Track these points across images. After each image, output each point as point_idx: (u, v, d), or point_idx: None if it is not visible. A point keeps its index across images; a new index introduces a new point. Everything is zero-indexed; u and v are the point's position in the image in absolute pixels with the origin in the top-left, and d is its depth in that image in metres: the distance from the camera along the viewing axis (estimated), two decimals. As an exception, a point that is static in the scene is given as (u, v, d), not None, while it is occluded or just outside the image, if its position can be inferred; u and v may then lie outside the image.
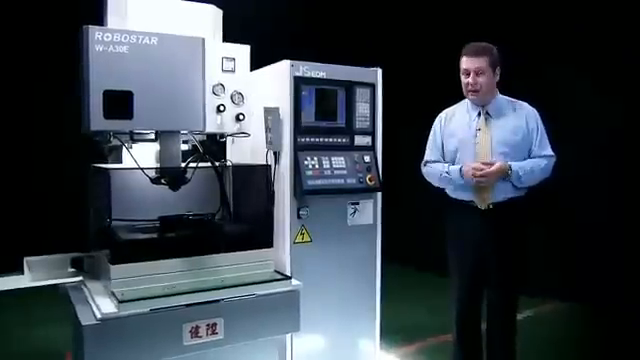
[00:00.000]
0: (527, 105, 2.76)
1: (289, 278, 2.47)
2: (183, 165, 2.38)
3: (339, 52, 3.50)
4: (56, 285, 2.58)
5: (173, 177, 2.36)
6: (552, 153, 2.72)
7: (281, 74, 2.82)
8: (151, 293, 2.14)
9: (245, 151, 3.02)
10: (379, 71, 3.10)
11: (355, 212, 3.04)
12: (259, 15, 5.19)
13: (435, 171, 2.86)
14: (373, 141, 3.08)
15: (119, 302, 2.01)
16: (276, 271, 2.54)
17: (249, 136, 2.72)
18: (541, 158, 2.69)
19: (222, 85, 2.61)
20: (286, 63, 2.80)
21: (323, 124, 2.91)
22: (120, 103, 2.16)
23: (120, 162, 2.60)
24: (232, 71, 2.63)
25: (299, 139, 2.83)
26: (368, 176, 2.99)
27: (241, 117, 2.66)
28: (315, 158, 2.85)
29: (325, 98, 2.91)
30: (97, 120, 2.13)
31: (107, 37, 2.13)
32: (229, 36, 2.76)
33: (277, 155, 2.86)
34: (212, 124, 2.53)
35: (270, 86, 2.93)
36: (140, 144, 2.48)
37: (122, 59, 2.15)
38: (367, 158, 3.03)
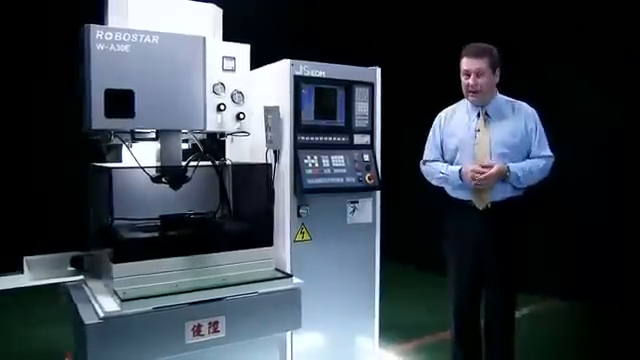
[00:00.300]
0: (526, 105, 2.77)
1: (290, 276, 2.48)
2: (184, 164, 2.38)
3: (339, 51, 3.51)
4: (56, 284, 2.59)
5: (174, 176, 2.36)
6: (551, 153, 2.74)
7: (281, 73, 2.83)
8: (153, 292, 2.14)
9: (244, 150, 3.03)
10: (378, 70, 3.11)
11: (354, 211, 3.05)
12: (258, 14, 5.18)
13: (433, 170, 2.88)
14: (372, 140, 3.10)
15: (122, 301, 2.01)
16: (277, 269, 2.55)
17: (249, 135, 2.74)
18: (540, 158, 2.71)
19: (222, 84, 2.62)
20: (286, 62, 2.81)
21: (323, 123, 2.93)
22: (121, 102, 2.16)
23: (119, 161, 2.60)
24: (232, 70, 2.64)
25: (299, 138, 2.84)
26: (367, 175, 3.01)
27: (241, 116, 2.67)
28: (315, 157, 2.86)
29: (324, 97, 2.92)
30: (98, 119, 2.13)
31: (108, 36, 2.12)
32: (228, 35, 2.77)
33: (277, 154, 2.87)
34: (212, 123, 2.54)
35: (270, 85, 2.94)
36: (140, 143, 2.48)
37: (123, 58, 2.15)
38: (366, 157, 3.05)
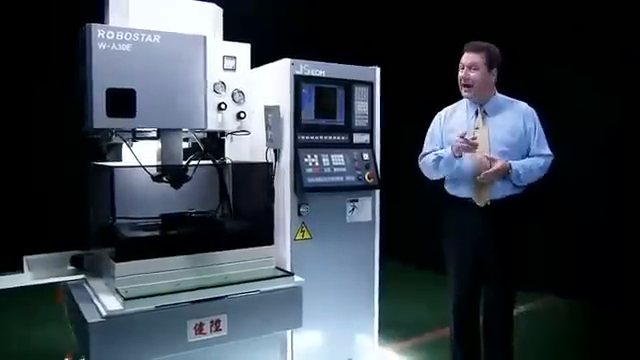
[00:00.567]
0: (525, 104, 2.79)
1: (292, 275, 2.49)
2: (184, 163, 2.39)
3: (338, 51, 3.52)
4: (54, 283, 2.59)
5: (175, 175, 2.36)
6: (550, 152, 2.76)
7: (281, 72, 2.84)
8: (155, 290, 2.15)
9: (243, 149, 3.03)
10: (377, 70, 3.13)
11: (354, 209, 3.06)
12: (258, 14, 5.18)
13: (427, 159, 2.87)
14: (371, 139, 3.11)
15: (124, 299, 2.02)
16: (277, 268, 2.57)
17: (249, 134, 2.75)
18: (539, 157, 2.73)
19: (223, 83, 2.63)
20: (286, 61, 2.82)
21: (322, 122, 2.94)
22: (123, 101, 2.16)
23: (119, 160, 2.61)
24: (233, 69, 2.65)
25: (299, 137, 2.85)
26: (367, 174, 3.02)
27: (242, 115, 2.68)
28: (315, 156, 2.88)
29: (324, 96, 2.94)
30: (100, 118, 2.13)
31: (110, 35, 2.13)
32: (228, 34, 2.77)
33: (277, 153, 2.88)
34: (213, 122, 2.55)
35: (270, 84, 2.94)
36: (139, 142, 2.48)
37: (125, 57, 2.15)
38: (366, 156, 3.06)
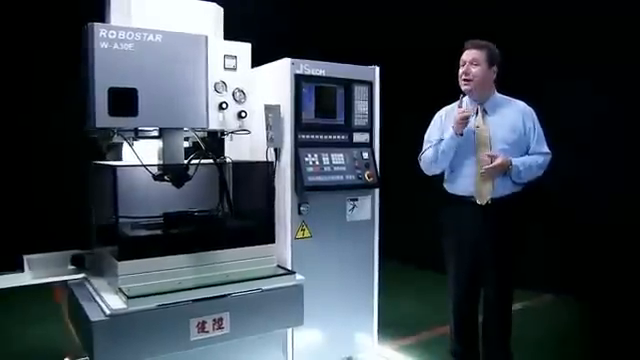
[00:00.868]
0: (523, 103, 2.81)
1: (293, 273, 2.51)
2: (186, 162, 2.39)
3: (338, 50, 3.53)
4: (52, 283, 2.59)
5: (177, 174, 2.37)
6: (548, 150, 2.78)
7: (282, 72, 2.85)
8: (158, 289, 2.16)
9: (243, 149, 3.03)
10: (377, 69, 3.15)
11: (354, 208, 3.08)
12: (258, 14, 5.19)
13: (428, 152, 2.87)
14: (371, 138, 3.13)
15: (128, 298, 2.03)
16: (279, 266, 2.58)
17: (250, 133, 2.75)
18: (538, 155, 2.75)
19: (224, 82, 2.63)
20: (287, 61, 2.83)
21: (323, 121, 2.96)
22: (125, 100, 2.17)
23: (120, 159, 2.61)
24: (234, 69, 2.66)
25: (300, 136, 2.87)
26: (366, 173, 3.04)
27: (243, 114, 2.69)
28: (315, 155, 2.89)
29: (325, 96, 2.95)
30: (102, 117, 2.13)
31: (112, 34, 2.13)
32: (228, 34, 2.78)
33: (277, 152, 2.89)
34: (214, 121, 2.56)
35: (270, 84, 2.95)
36: (139, 141, 2.48)
37: (127, 56, 2.16)
38: (365, 155, 3.08)
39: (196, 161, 2.38)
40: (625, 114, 4.32)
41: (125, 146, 2.56)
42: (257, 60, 2.82)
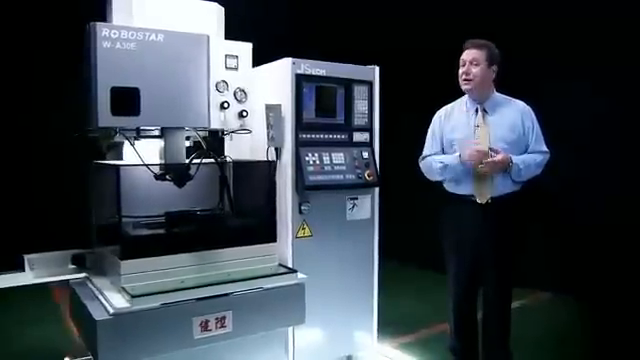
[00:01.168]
0: (522, 103, 2.83)
1: (295, 272, 2.52)
2: (187, 161, 2.40)
3: (338, 50, 3.54)
4: (48, 283, 2.59)
5: (179, 173, 2.37)
6: (547, 149, 2.80)
7: (283, 71, 2.86)
8: (160, 288, 2.16)
9: (243, 148, 3.03)
10: (376, 69, 3.16)
11: (354, 207, 3.09)
12: (258, 13, 5.19)
13: (432, 161, 2.89)
14: (371, 137, 3.15)
15: (131, 297, 2.03)
16: (280, 265, 2.59)
17: (251, 132, 2.76)
18: (537, 153, 2.77)
19: (225, 82, 2.65)
20: (288, 61, 2.84)
21: (323, 121, 2.97)
22: (127, 100, 2.17)
23: (120, 159, 2.61)
24: (235, 68, 2.67)
25: (300, 135, 2.87)
26: (366, 172, 3.06)
27: (244, 114, 2.70)
28: (316, 154, 2.90)
29: (325, 95, 2.96)
30: (104, 117, 2.14)
31: (114, 34, 2.13)
32: (229, 34, 2.78)
33: (278, 151, 2.90)
34: (216, 121, 2.57)
35: (271, 83, 2.96)
36: (140, 141, 2.49)
37: (129, 56, 2.16)
38: (365, 154, 3.09)
39: (198, 160, 2.39)
40: (623, 115, 4.34)
41: (125, 146, 2.57)
42: (257, 61, 2.83)
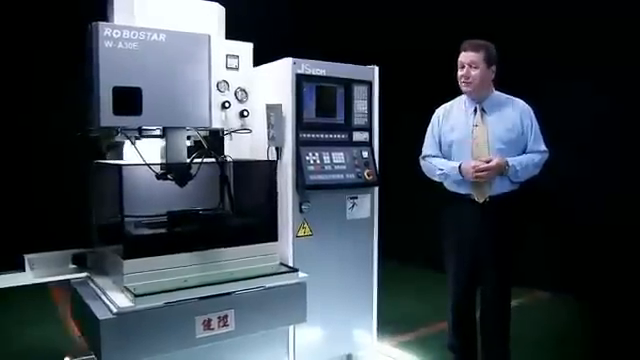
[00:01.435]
0: (522, 102, 2.84)
1: (296, 270, 2.53)
2: (189, 161, 2.40)
3: (338, 51, 3.55)
4: (48, 283, 2.59)
5: (180, 173, 2.38)
6: (545, 148, 2.82)
7: (283, 71, 2.87)
8: (163, 287, 2.17)
9: (243, 148, 3.03)
10: (376, 69, 3.18)
11: (354, 206, 3.11)
12: (258, 14, 5.20)
13: (433, 167, 2.92)
14: (370, 137, 3.16)
15: (135, 296, 2.04)
16: (282, 264, 2.60)
17: (251, 132, 2.77)
18: (535, 153, 2.78)
19: (226, 82, 2.66)
20: (288, 60, 2.85)
21: (323, 120, 2.98)
22: (129, 99, 2.18)
23: (120, 159, 2.61)
24: (236, 68, 2.68)
25: (301, 135, 2.88)
26: (366, 171, 3.07)
27: (245, 113, 2.71)
28: (316, 154, 2.91)
29: (325, 95, 2.98)
30: (106, 116, 2.14)
31: (116, 34, 2.14)
32: (228, 34, 2.79)
33: (279, 151, 2.91)
34: (216, 120, 2.58)
35: (271, 83, 2.97)
36: (141, 140, 2.49)
37: (131, 56, 2.17)
38: (365, 154, 3.11)
39: (199, 160, 2.39)
40: (623, 115, 4.36)
41: (125, 146, 2.57)
42: (258, 60, 2.84)
